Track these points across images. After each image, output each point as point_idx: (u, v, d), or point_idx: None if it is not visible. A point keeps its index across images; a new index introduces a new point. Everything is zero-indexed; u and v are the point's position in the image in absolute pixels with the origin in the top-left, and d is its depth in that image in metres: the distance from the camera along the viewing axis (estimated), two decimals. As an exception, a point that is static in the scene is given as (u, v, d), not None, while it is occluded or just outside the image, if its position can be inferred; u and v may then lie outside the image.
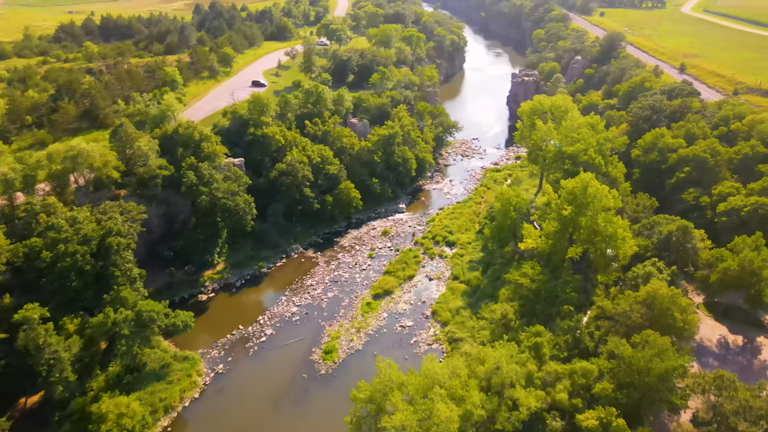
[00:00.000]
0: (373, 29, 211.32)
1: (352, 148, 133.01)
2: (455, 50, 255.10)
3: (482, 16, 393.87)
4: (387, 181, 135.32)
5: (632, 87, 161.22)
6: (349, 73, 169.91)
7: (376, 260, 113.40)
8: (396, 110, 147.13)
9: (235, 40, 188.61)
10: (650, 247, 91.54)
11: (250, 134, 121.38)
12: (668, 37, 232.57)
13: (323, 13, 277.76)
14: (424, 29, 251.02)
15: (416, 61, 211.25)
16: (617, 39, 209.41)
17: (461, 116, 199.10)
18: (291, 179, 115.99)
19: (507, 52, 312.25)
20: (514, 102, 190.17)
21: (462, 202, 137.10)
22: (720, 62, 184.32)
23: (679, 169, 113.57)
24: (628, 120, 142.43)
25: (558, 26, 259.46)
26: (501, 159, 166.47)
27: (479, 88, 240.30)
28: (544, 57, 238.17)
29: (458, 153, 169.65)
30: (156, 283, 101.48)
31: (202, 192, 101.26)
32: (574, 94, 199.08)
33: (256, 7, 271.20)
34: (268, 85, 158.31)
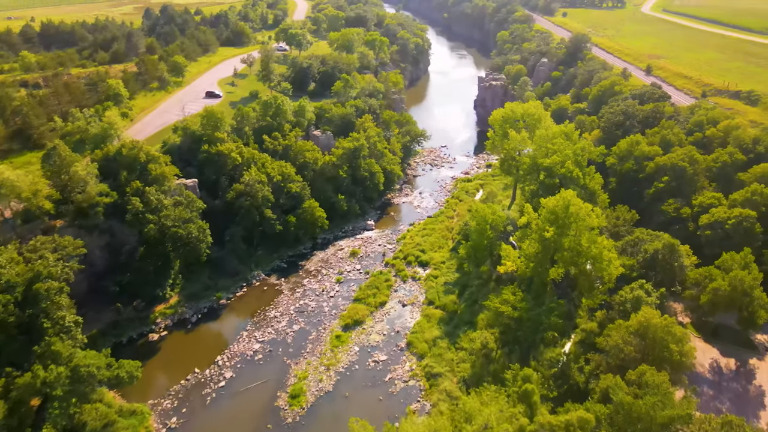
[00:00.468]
0: (335, 33, 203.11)
1: (316, 163, 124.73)
2: (419, 53, 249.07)
3: (444, 17, 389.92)
4: (354, 197, 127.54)
5: (602, 91, 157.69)
6: (311, 81, 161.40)
7: (344, 285, 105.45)
8: (361, 120, 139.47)
9: (188, 47, 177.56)
10: (636, 266, 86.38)
11: (203, 152, 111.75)
12: (631, 38, 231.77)
13: (282, 17, 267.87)
14: (386, 32, 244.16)
15: (380, 66, 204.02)
16: (582, 41, 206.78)
17: (428, 123, 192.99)
18: (249, 201, 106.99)
19: (471, 54, 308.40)
20: (482, 107, 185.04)
21: (433, 216, 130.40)
22: (685, 63, 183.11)
23: (657, 179, 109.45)
24: (601, 126, 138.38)
25: (522, 27, 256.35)
26: (471, 167, 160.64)
27: (445, 92, 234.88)
28: (509, 59, 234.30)
29: (427, 162, 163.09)
30: (100, 322, 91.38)
31: (150, 220, 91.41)
32: (542, 97, 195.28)
33: (211, 11, 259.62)
34: (224, 96, 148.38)
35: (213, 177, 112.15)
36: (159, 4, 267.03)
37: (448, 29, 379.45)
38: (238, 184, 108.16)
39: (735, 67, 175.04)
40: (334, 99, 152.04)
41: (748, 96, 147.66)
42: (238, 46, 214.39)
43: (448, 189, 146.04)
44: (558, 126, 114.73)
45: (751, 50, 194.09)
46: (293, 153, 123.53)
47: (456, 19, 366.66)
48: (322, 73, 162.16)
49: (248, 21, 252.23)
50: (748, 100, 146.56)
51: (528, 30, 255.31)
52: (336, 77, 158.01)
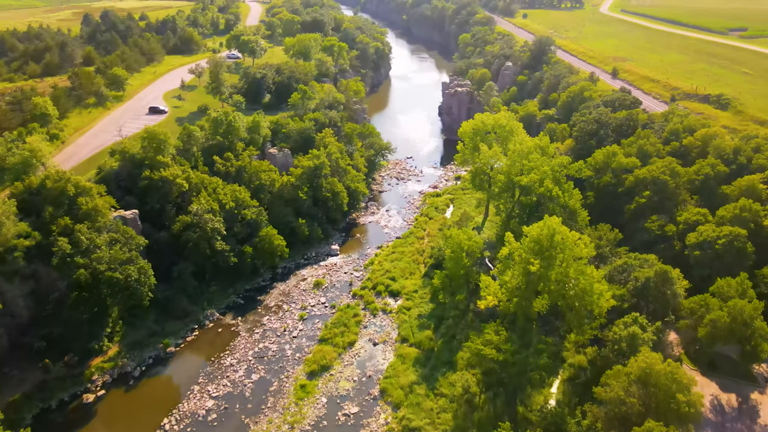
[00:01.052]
0: (290, 39, 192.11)
1: (273, 185, 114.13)
2: (380, 58, 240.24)
3: (404, 19, 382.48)
4: (316, 220, 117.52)
5: (571, 97, 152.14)
6: (265, 93, 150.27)
7: (309, 322, 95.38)
8: (321, 135, 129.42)
9: (130, 57, 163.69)
10: (626, 296, 79.44)
11: (144, 179, 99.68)
12: (594, 40, 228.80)
13: (234, 22, 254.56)
14: (345, 37, 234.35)
15: (339, 73, 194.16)
16: (546, 43, 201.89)
17: (392, 132, 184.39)
18: (198, 233, 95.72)
19: (432, 57, 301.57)
20: (448, 114, 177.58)
21: (402, 237, 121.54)
22: (651, 66, 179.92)
23: (637, 193, 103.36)
24: (573, 135, 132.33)
25: (484, 30, 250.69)
26: (440, 180, 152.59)
27: (408, 98, 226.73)
28: (473, 63, 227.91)
29: (393, 176, 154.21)
30: (25, 384, 79.07)
31: (80, 264, 79.33)
32: (508, 103, 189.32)
33: (157, 16, 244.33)
34: (170, 112, 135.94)
35: (157, 206, 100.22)
36: (100, 9, 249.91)
37: (407, 32, 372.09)
38: (185, 215, 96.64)
39: (700, 69, 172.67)
40: (291, 112, 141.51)
41: (717, 100, 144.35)
42: (187, 54, 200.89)
43: (417, 205, 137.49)
44: (532, 139, 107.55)
45: (714, 51, 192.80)
46: (247, 175, 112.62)
47: (415, 22, 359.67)
48: (277, 83, 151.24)
49: (198, 26, 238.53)
50: (718, 104, 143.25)
51: (490, 32, 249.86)
52: (293, 88, 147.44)
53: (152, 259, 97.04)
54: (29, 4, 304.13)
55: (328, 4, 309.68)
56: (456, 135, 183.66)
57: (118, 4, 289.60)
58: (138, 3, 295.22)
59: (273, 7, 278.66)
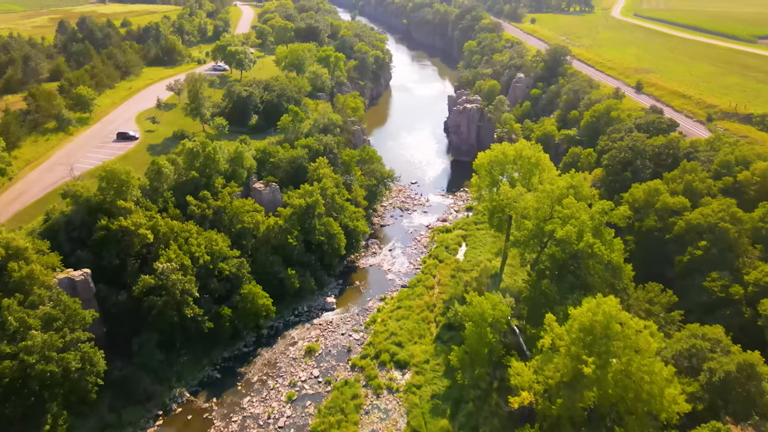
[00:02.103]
0: (282, 49, 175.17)
1: (258, 229, 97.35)
2: (380, 67, 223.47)
3: (404, 23, 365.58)
4: (308, 268, 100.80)
5: (596, 116, 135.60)
6: (252, 114, 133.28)
7: (298, 405, 78.61)
8: (314, 165, 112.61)
9: (102, 71, 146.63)
10: (699, 393, 62.84)
11: (101, 228, 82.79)
12: (610, 48, 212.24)
13: (223, 28, 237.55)
14: (342, 45, 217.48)
15: (336, 87, 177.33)
16: (562, 53, 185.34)
17: (394, 152, 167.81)
18: (165, 297, 78.87)
19: (435, 65, 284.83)
20: (456, 133, 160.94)
21: (409, 286, 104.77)
22: (678, 79, 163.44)
23: (690, 242, 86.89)
24: (604, 164, 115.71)
25: (491, 37, 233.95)
26: (448, 211, 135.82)
27: (410, 112, 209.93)
28: (480, 73, 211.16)
29: (396, 206, 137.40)
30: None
31: (4, 355, 62.47)
32: (521, 119, 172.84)
33: (141, 22, 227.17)
34: (141, 137, 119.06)
35: (116, 261, 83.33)
36: (80, 15, 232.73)
37: (407, 36, 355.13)
38: (149, 275, 79.70)
39: (734, 83, 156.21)
40: (281, 136, 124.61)
41: (762, 120, 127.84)
42: (170, 66, 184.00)
43: (424, 243, 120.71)
44: (563, 178, 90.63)
45: (746, 62, 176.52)
46: (228, 217, 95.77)
47: (416, 26, 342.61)
48: (266, 102, 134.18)
49: (184, 34, 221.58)
50: (763, 126, 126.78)
51: (497, 39, 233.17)
52: (283, 108, 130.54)
53: (110, 327, 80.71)
54: (7, 9, 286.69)
55: (324, 8, 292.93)
56: (465, 155, 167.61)
57: (100, 9, 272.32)
58: (121, 8, 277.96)
59: (265, 12, 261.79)
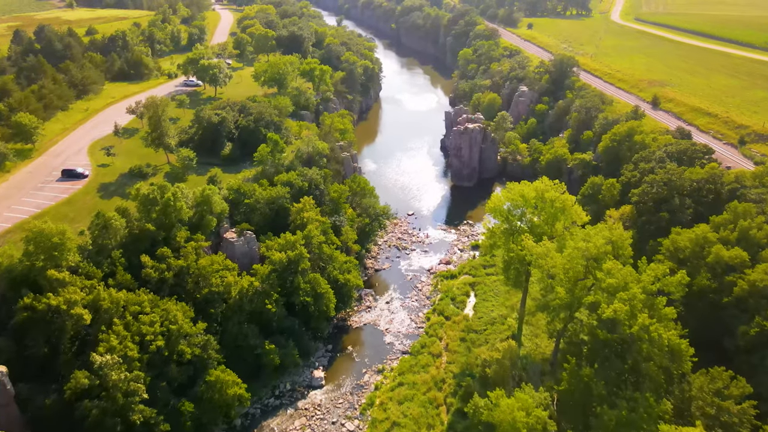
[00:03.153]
0: (261, 64, 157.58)
1: (229, 292, 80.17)
2: (369, 79, 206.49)
3: (393, 28, 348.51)
4: (291, 335, 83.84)
5: (616, 139, 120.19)
6: (225, 142, 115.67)
7: None
8: (298, 207, 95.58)
9: (53, 91, 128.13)
10: None
11: (24, 308, 65.21)
12: (617, 56, 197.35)
13: (199, 37, 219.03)
14: (328, 54, 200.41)
15: (322, 103, 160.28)
16: (569, 64, 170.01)
17: (386, 176, 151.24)
18: (103, 403, 61.45)
19: (427, 73, 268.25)
20: (457, 157, 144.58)
21: (411, 352, 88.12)
22: (699, 94, 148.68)
23: (757, 309, 71.46)
24: (633, 201, 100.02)
25: (488, 45, 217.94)
26: (452, 249, 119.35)
27: (403, 127, 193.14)
28: (477, 85, 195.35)
29: (392, 244, 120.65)
30: None
31: None
32: (527, 138, 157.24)
33: (108, 30, 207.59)
34: (92, 174, 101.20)
35: (44, 350, 65.83)
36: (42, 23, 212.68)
37: (397, 42, 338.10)
38: (82, 373, 62.26)
39: (762, 99, 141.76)
40: (259, 167, 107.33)
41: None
42: (136, 81, 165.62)
43: (426, 293, 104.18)
44: (599, 231, 74.31)
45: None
46: (192, 280, 78.51)
47: (406, 31, 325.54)
48: (241, 129, 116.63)
49: (155, 43, 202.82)
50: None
51: (495, 47, 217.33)
52: (260, 134, 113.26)
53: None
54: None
55: (308, 13, 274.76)
56: (467, 181, 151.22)
57: (65, 15, 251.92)
58: (88, 13, 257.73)
59: (245, 18, 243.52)
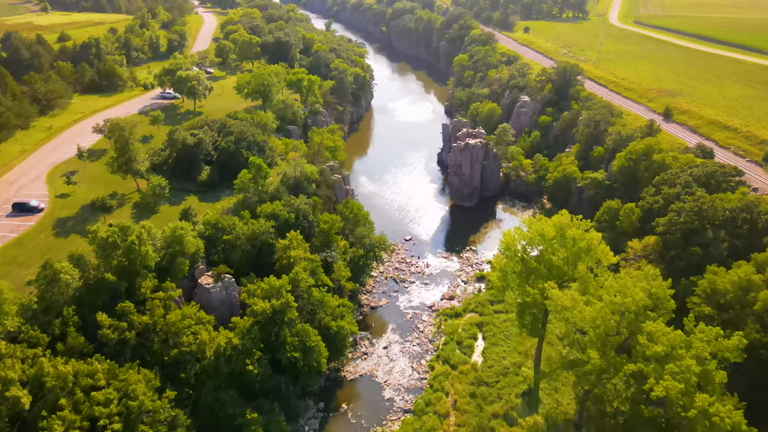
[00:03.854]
0: (244, 75, 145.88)
1: (203, 352, 68.73)
2: (360, 87, 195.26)
3: (383, 31, 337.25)
4: (277, 397, 72.58)
5: (632, 158, 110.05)
6: (202, 166, 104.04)
7: None
8: (284, 243, 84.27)
9: (10, 109, 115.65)
10: None
11: (-52, 391, 53.39)
12: (620, 63, 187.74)
13: (179, 43, 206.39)
14: (317, 62, 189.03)
15: (310, 116, 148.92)
16: (573, 72, 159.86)
17: (382, 196, 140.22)
18: None
19: (420, 79, 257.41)
20: (457, 175, 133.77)
21: (415, 411, 77.04)
22: (713, 104, 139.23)
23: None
24: (658, 231, 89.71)
25: (485, 51, 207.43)
26: (454, 281, 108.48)
27: (397, 139, 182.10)
28: (475, 94, 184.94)
29: (389, 275, 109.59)
30: None
31: None
32: (531, 153, 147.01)
33: (82, 36, 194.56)
34: (49, 207, 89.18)
35: (-27, 441, 54.09)
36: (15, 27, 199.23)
37: (388, 45, 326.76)
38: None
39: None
40: (240, 194, 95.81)
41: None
42: (108, 93, 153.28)
43: (428, 335, 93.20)
44: (639, 287, 63.51)
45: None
46: (158, 339, 66.97)
47: (397, 35, 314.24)
48: (220, 151, 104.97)
49: (132, 50, 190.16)
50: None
51: (492, 53, 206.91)
52: (242, 157, 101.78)
53: None
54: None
55: (295, 17, 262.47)
56: (467, 200, 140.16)
57: (38, 20, 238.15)
58: (62, 18, 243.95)
59: (229, 22, 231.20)
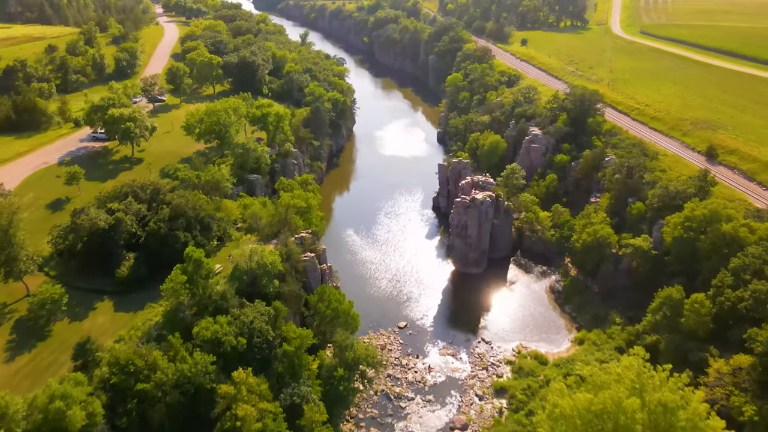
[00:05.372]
0: (198, 108, 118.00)
1: None
2: (340, 114, 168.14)
3: (365, 42, 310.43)
4: None
5: (692, 226, 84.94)
6: (121, 255, 75.97)
7: None
8: (227, 390, 56.97)
9: None
10: None
11: None
12: (638, 84, 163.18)
13: (130, 63, 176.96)
14: (288, 86, 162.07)
15: (279, 160, 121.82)
16: (592, 100, 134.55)
17: (367, 261, 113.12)
18: None
19: (407, 98, 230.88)
20: (461, 237, 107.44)
21: None
22: (765, 141, 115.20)
23: None
24: (757, 351, 64.46)
25: (482, 69, 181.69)
26: (466, 395, 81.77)
27: (383, 176, 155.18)
28: (473, 122, 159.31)
29: (380, 387, 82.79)
30: None
31: None
32: (547, 205, 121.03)
33: (14, 55, 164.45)
34: None
35: None
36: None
37: (370, 57, 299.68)
38: None
39: None
40: (172, 301, 68.20)
41: None
42: (28, 134, 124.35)
43: (439, 497, 66.71)
44: None
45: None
46: None
47: (381, 46, 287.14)
48: (149, 234, 77.05)
49: (70, 72, 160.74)
50: None
51: (489, 71, 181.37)
52: (179, 243, 74.28)
53: None
54: None
55: (267, 29, 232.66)
56: (474, 267, 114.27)
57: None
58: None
59: (190, 36, 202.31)
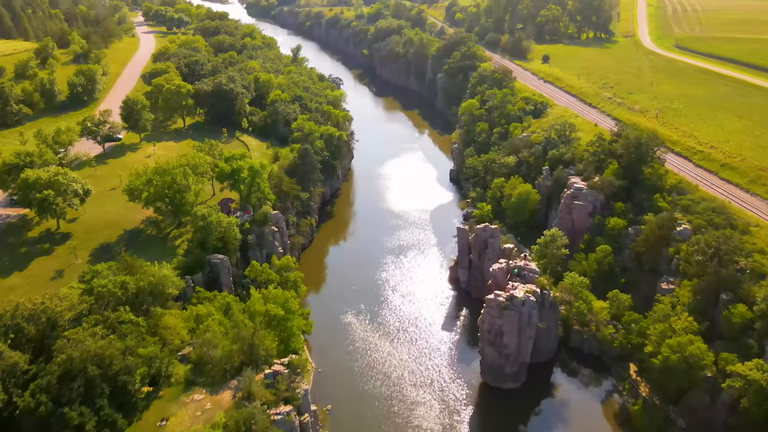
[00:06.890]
0: (136, 176, 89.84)
1: None
2: (335, 153, 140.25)
3: (365, 54, 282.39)
4: None
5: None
6: None
7: None
8: None
9: None
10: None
11: None
12: (693, 116, 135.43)
13: (87, 89, 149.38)
14: (273, 118, 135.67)
15: (253, 230, 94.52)
16: (650, 144, 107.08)
17: (370, 363, 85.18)
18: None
19: (414, 124, 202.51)
20: (494, 345, 79.58)
21: None
22: None
23: None
24: None
25: (502, 95, 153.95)
26: None
27: (388, 231, 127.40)
28: (496, 163, 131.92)
29: None
30: None
31: None
32: (600, 286, 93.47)
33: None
34: None
35: None
36: None
37: (371, 72, 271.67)
38: None
39: None
40: None
41: None
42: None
43: None
44: None
45: None
46: None
47: (382, 60, 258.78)
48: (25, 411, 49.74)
49: (11, 101, 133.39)
50: None
51: (511, 98, 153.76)
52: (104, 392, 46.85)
53: None
54: None
55: (254, 44, 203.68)
56: (510, 381, 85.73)
57: None
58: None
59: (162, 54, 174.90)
